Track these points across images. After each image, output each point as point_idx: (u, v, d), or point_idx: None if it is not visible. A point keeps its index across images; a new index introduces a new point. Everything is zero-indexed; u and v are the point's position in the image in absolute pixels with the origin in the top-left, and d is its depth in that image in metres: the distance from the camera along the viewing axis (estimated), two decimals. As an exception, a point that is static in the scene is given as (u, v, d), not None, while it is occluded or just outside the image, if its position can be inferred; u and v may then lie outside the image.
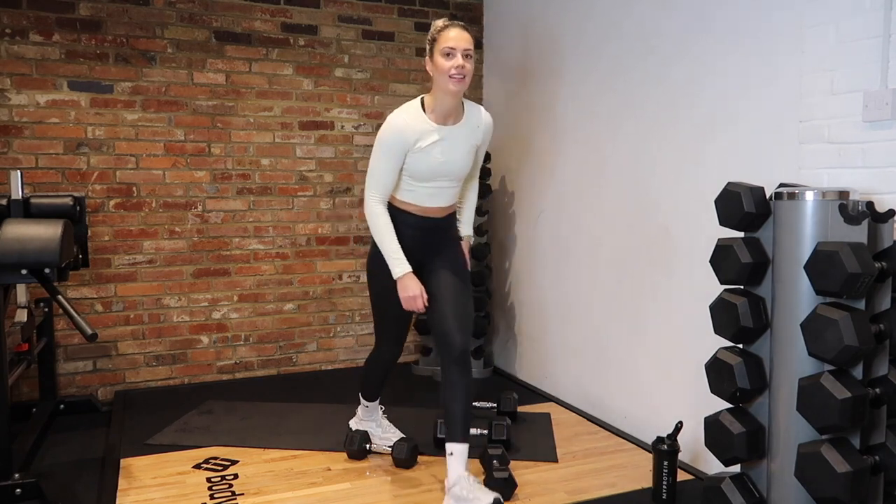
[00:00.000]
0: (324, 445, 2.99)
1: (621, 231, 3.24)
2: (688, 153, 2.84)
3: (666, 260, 2.97)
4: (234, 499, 2.49)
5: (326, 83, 4.13)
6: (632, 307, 3.19)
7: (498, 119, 4.38)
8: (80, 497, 2.58)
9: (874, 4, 2.07)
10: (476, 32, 4.48)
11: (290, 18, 4.03)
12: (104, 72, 3.67)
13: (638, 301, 3.15)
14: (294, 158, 4.10)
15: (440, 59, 2.36)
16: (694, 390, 2.74)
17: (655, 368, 3.04)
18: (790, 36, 2.35)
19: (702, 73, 2.76)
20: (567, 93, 3.63)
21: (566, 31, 3.63)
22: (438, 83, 2.38)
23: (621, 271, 3.25)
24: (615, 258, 3.30)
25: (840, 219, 1.87)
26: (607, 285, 3.35)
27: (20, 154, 3.54)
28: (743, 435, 2.02)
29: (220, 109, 3.91)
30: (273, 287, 4.11)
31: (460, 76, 2.35)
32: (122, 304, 3.79)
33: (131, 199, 3.77)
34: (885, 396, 1.89)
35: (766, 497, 2.05)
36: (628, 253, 3.20)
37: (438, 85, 2.39)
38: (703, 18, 2.75)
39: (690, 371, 2.79)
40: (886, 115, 2.03)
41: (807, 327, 1.85)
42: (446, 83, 2.35)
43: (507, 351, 4.33)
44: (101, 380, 3.77)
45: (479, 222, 4.11)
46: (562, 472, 2.72)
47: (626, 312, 3.23)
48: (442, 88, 2.38)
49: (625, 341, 3.23)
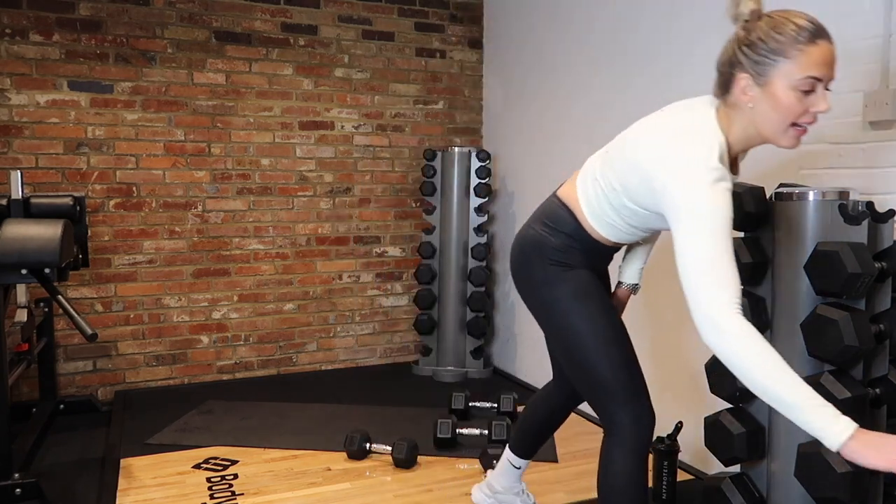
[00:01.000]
0: (324, 445, 2.99)
1: (621, 231, 3.24)
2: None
3: (666, 260, 2.96)
4: (234, 499, 2.49)
5: (326, 83, 4.13)
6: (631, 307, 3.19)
7: (498, 119, 4.39)
8: (80, 497, 2.58)
9: (874, 4, 2.07)
10: (476, 32, 4.49)
11: (290, 18, 4.03)
12: (104, 72, 3.67)
13: (638, 301, 3.14)
14: (294, 158, 4.10)
15: (789, 93, 1.46)
16: (694, 390, 2.74)
17: (655, 368, 3.03)
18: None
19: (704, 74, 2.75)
20: (567, 92, 3.63)
21: (566, 31, 3.63)
22: (765, 125, 1.52)
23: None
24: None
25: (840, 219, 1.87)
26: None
27: (20, 154, 3.54)
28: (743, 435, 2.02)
29: (220, 109, 3.91)
30: (273, 287, 4.11)
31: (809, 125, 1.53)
32: (122, 304, 3.79)
33: (131, 199, 3.77)
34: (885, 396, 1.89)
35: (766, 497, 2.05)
36: (628, 253, 3.20)
37: (762, 127, 1.53)
38: (708, 20, 2.75)
39: (690, 371, 2.79)
40: (886, 116, 2.03)
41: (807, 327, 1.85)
42: (783, 134, 1.52)
43: (507, 351, 4.33)
44: (101, 380, 3.77)
45: (479, 222, 4.12)
46: (562, 472, 2.72)
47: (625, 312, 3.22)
48: (767, 133, 1.54)
49: (625, 341, 3.23)
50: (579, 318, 1.76)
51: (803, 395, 1.32)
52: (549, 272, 1.78)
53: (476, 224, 4.12)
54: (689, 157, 1.47)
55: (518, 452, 2.22)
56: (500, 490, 2.28)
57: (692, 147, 1.49)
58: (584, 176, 1.79)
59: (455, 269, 4.10)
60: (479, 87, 4.54)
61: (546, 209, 1.85)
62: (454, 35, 4.44)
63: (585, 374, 1.77)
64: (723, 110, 1.59)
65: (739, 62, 1.51)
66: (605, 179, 1.71)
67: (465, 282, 4.11)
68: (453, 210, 4.09)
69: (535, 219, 1.86)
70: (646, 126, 1.66)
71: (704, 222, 1.42)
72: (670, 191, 1.47)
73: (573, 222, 1.78)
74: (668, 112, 1.67)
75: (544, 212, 1.85)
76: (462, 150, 4.09)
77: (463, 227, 4.11)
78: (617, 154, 1.70)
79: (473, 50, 4.49)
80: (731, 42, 1.54)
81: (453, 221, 4.10)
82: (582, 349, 1.76)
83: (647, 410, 1.76)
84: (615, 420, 1.73)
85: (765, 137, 1.55)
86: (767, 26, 1.47)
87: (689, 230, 1.44)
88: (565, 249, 1.78)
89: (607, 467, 1.74)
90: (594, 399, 1.78)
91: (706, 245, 1.41)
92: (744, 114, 1.54)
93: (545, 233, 1.80)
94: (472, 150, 4.12)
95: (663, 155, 1.52)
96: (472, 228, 4.11)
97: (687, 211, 1.44)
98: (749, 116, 1.53)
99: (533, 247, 1.81)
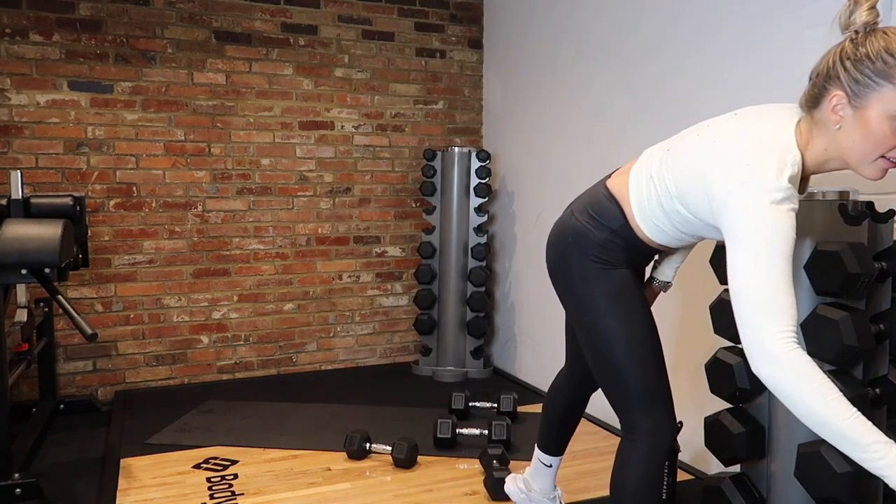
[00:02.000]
0: (324, 445, 2.99)
1: (621, 231, 3.24)
2: (688, 153, 2.84)
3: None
4: (233, 499, 2.49)
5: (326, 83, 4.13)
6: (632, 307, 3.19)
7: (498, 119, 4.39)
8: (80, 497, 2.58)
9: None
10: (476, 32, 4.49)
11: (290, 18, 4.03)
12: (104, 72, 3.67)
13: (638, 301, 3.14)
14: (294, 158, 4.10)
15: (883, 123, 1.33)
16: (694, 390, 2.74)
17: (655, 368, 3.03)
18: (790, 36, 2.35)
19: (704, 74, 2.76)
20: (567, 93, 3.63)
21: (566, 31, 3.63)
22: (851, 151, 1.40)
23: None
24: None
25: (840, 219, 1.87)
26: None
27: (20, 154, 3.54)
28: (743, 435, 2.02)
29: (220, 109, 3.91)
30: (273, 287, 4.11)
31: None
32: (122, 304, 3.79)
33: (131, 199, 3.77)
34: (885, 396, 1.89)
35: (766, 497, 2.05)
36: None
37: (847, 152, 1.41)
38: (706, 20, 2.75)
39: (690, 371, 2.79)
40: (886, 115, 2.03)
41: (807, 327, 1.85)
42: (870, 164, 1.40)
43: (507, 351, 4.32)
44: (101, 380, 3.77)
45: (479, 222, 4.12)
46: (562, 472, 2.71)
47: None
48: (851, 160, 1.42)
49: (625, 341, 3.23)
50: (614, 320, 1.70)
51: (864, 432, 1.26)
52: (588, 268, 1.70)
53: (476, 224, 4.12)
54: (757, 173, 1.36)
55: (547, 450, 2.18)
56: (535, 489, 2.24)
57: (764, 161, 1.38)
58: (639, 171, 1.67)
59: (455, 269, 4.10)
60: (479, 87, 4.54)
61: (593, 198, 1.74)
62: (454, 35, 4.44)
63: (612, 375, 1.72)
64: (805, 124, 1.46)
65: (837, 77, 1.37)
66: (660, 180, 1.59)
67: (465, 282, 4.11)
68: (453, 210, 4.09)
69: (580, 207, 1.75)
70: (717, 131, 1.52)
71: (765, 245, 1.33)
72: (731, 205, 1.38)
73: (620, 218, 1.67)
74: (744, 117, 1.53)
75: (591, 201, 1.73)
76: (462, 150, 4.10)
77: (463, 227, 4.11)
78: (680, 156, 1.57)
79: (473, 50, 4.49)
80: (834, 53, 1.40)
81: (453, 221, 4.10)
82: (612, 350, 1.70)
83: (669, 418, 1.73)
84: (637, 424, 1.70)
85: (847, 163, 1.44)
86: (880, 44, 1.32)
87: (748, 251, 1.34)
88: (608, 246, 1.69)
89: (623, 470, 1.72)
90: (618, 400, 1.74)
91: (764, 269, 1.32)
92: (828, 133, 1.42)
93: (589, 225, 1.70)
94: (472, 150, 4.12)
95: (730, 164, 1.41)
96: (472, 228, 4.11)
97: (747, 230, 1.35)
98: (833, 137, 1.41)
99: (575, 238, 1.72)
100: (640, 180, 1.66)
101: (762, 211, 1.34)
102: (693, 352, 2.76)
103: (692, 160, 1.52)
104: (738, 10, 2.57)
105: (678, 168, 1.56)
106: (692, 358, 2.77)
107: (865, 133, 1.35)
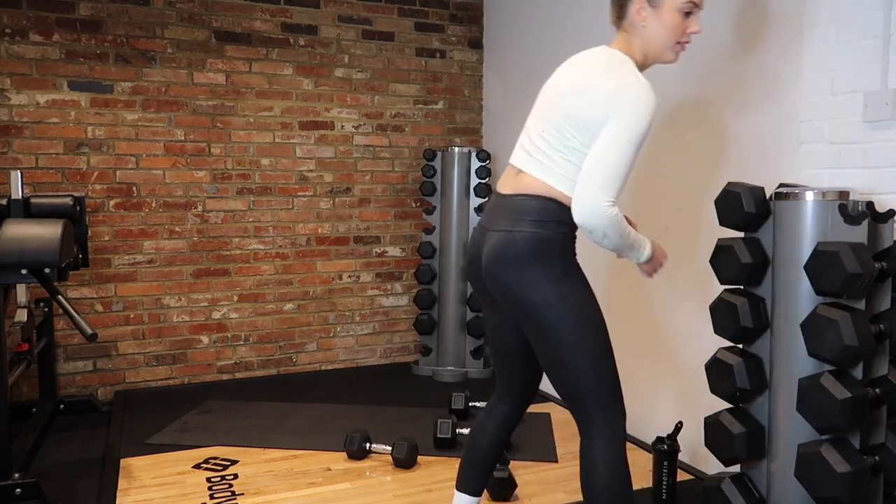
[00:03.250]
0: (324, 445, 2.99)
1: (621, 231, 3.24)
2: (688, 153, 2.84)
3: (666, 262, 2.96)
4: (233, 499, 2.49)
5: (326, 83, 4.13)
6: (632, 307, 3.19)
7: (498, 119, 4.39)
8: (80, 497, 2.58)
9: (874, 4, 2.07)
10: (476, 32, 4.49)
11: (290, 18, 4.03)
12: (104, 72, 3.66)
13: (638, 301, 3.14)
14: (294, 158, 4.10)
15: (675, 14, 1.78)
16: (694, 390, 2.74)
17: (655, 368, 3.03)
18: (790, 36, 2.35)
19: (703, 73, 2.76)
20: (567, 93, 3.63)
21: (566, 31, 3.63)
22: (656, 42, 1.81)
23: (620, 271, 3.25)
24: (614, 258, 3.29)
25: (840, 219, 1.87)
26: (607, 285, 3.35)
27: (20, 154, 3.54)
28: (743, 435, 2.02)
29: (220, 109, 3.91)
30: (273, 287, 4.11)
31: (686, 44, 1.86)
32: (122, 304, 3.79)
33: (131, 199, 3.77)
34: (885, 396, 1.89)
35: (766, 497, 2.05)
36: (628, 253, 3.20)
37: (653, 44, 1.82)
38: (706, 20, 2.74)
39: (690, 371, 2.79)
40: (886, 116, 2.03)
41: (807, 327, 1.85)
42: (670, 50, 1.83)
43: (507, 351, 4.32)
44: (101, 380, 3.77)
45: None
46: (562, 472, 2.72)
47: (625, 312, 3.22)
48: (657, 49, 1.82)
49: (624, 341, 3.23)
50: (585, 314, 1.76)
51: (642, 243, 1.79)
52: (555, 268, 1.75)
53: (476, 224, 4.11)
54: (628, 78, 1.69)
55: (472, 491, 2.04)
56: None
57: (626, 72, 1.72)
58: (538, 163, 1.79)
59: (455, 269, 4.10)
60: (479, 87, 4.54)
61: (518, 209, 1.78)
62: (454, 35, 4.44)
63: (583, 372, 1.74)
64: (620, 39, 1.85)
65: None
66: (561, 147, 1.75)
67: (465, 282, 4.11)
68: (453, 210, 4.09)
69: (512, 221, 1.78)
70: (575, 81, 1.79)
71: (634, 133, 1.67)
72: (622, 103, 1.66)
73: (556, 207, 1.75)
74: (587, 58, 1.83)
75: (517, 211, 1.78)
76: (462, 150, 4.10)
77: (463, 227, 4.11)
78: (555, 116, 1.78)
79: (473, 50, 4.49)
80: None
81: (453, 221, 4.10)
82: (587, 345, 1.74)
83: (622, 403, 1.82)
84: (595, 421, 1.76)
85: (654, 54, 1.83)
86: None
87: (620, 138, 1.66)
88: (565, 239, 1.78)
89: (590, 471, 1.76)
90: (582, 397, 1.77)
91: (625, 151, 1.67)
92: (638, 34, 1.81)
93: (539, 229, 1.74)
94: (472, 150, 4.12)
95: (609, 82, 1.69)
96: (472, 228, 4.11)
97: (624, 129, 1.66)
98: (642, 36, 1.80)
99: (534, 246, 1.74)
100: (548, 165, 1.78)
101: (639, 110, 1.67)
102: (693, 352, 2.76)
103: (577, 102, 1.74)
104: (737, 10, 2.57)
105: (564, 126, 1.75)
106: (692, 358, 2.77)
107: (664, 25, 1.78)
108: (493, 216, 1.85)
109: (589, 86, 1.72)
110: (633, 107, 1.66)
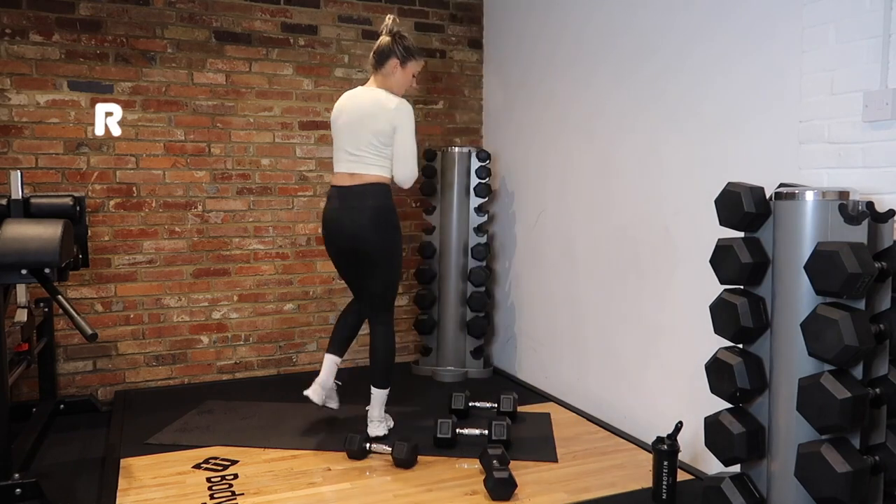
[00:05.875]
0: (324, 445, 2.99)
1: (620, 231, 3.24)
2: (688, 153, 2.84)
3: (666, 260, 2.97)
4: (234, 499, 2.49)
5: (326, 83, 4.13)
6: (632, 307, 3.19)
7: (498, 119, 4.39)
8: (80, 497, 2.58)
9: (874, 4, 2.07)
10: (476, 32, 4.49)
11: (290, 18, 4.03)
12: (104, 72, 3.67)
13: (638, 301, 3.15)
14: (294, 158, 4.10)
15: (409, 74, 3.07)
16: (694, 390, 2.74)
17: (655, 368, 3.04)
18: (790, 36, 2.35)
19: (703, 73, 2.76)
20: (567, 93, 3.63)
21: (565, 31, 3.63)
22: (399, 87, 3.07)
23: (621, 271, 3.25)
24: (614, 258, 3.30)
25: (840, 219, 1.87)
26: (607, 285, 3.36)
27: (20, 154, 3.54)
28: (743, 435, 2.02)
29: (220, 109, 3.91)
30: (273, 287, 4.11)
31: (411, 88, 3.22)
32: (122, 304, 3.79)
33: (131, 199, 3.77)
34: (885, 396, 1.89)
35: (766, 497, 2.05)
36: (628, 253, 3.20)
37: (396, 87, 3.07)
38: (705, 20, 2.75)
39: (690, 371, 2.79)
40: (886, 115, 2.03)
41: (807, 327, 1.86)
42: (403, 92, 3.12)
43: (507, 351, 4.33)
44: (101, 380, 3.77)
45: (479, 222, 4.12)
46: (562, 472, 2.72)
47: (626, 312, 3.23)
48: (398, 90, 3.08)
49: (625, 341, 3.23)
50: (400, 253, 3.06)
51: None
52: (395, 223, 2.99)
53: (476, 224, 4.12)
54: (400, 103, 2.92)
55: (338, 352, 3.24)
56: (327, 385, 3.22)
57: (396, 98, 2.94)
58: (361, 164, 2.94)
59: (455, 269, 4.10)
60: (479, 87, 4.54)
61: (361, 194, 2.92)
62: (454, 35, 4.44)
63: (389, 291, 3.05)
64: (378, 79, 3.02)
65: (394, 52, 2.96)
66: (375, 151, 2.92)
67: (465, 282, 4.11)
68: (453, 210, 4.09)
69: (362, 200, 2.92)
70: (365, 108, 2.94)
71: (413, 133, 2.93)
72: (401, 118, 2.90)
73: (384, 187, 2.97)
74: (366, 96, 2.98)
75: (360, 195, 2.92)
76: (462, 150, 4.10)
77: (463, 227, 4.11)
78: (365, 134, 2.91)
79: (473, 50, 4.49)
80: (388, 42, 2.97)
81: (453, 221, 4.10)
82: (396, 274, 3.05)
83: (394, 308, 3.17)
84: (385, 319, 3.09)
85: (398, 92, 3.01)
86: (410, 40, 3.03)
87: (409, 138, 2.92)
88: (392, 207, 2.98)
89: (384, 342, 3.07)
90: (382, 304, 3.07)
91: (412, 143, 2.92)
92: (389, 79, 3.00)
93: (381, 202, 2.93)
94: (472, 150, 4.12)
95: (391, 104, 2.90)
96: (472, 228, 4.11)
97: (408, 127, 2.91)
98: (392, 81, 3.00)
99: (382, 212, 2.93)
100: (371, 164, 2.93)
101: (410, 118, 2.93)
102: (693, 352, 2.76)
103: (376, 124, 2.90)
104: (737, 10, 2.57)
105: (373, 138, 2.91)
106: (692, 358, 2.77)
107: (404, 78, 3.03)
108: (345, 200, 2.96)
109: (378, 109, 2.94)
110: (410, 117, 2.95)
